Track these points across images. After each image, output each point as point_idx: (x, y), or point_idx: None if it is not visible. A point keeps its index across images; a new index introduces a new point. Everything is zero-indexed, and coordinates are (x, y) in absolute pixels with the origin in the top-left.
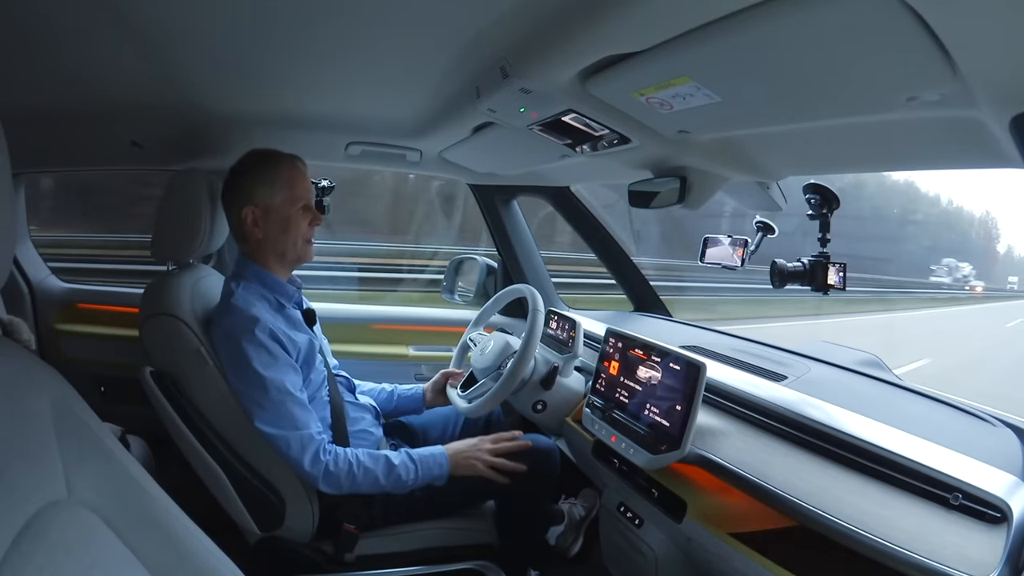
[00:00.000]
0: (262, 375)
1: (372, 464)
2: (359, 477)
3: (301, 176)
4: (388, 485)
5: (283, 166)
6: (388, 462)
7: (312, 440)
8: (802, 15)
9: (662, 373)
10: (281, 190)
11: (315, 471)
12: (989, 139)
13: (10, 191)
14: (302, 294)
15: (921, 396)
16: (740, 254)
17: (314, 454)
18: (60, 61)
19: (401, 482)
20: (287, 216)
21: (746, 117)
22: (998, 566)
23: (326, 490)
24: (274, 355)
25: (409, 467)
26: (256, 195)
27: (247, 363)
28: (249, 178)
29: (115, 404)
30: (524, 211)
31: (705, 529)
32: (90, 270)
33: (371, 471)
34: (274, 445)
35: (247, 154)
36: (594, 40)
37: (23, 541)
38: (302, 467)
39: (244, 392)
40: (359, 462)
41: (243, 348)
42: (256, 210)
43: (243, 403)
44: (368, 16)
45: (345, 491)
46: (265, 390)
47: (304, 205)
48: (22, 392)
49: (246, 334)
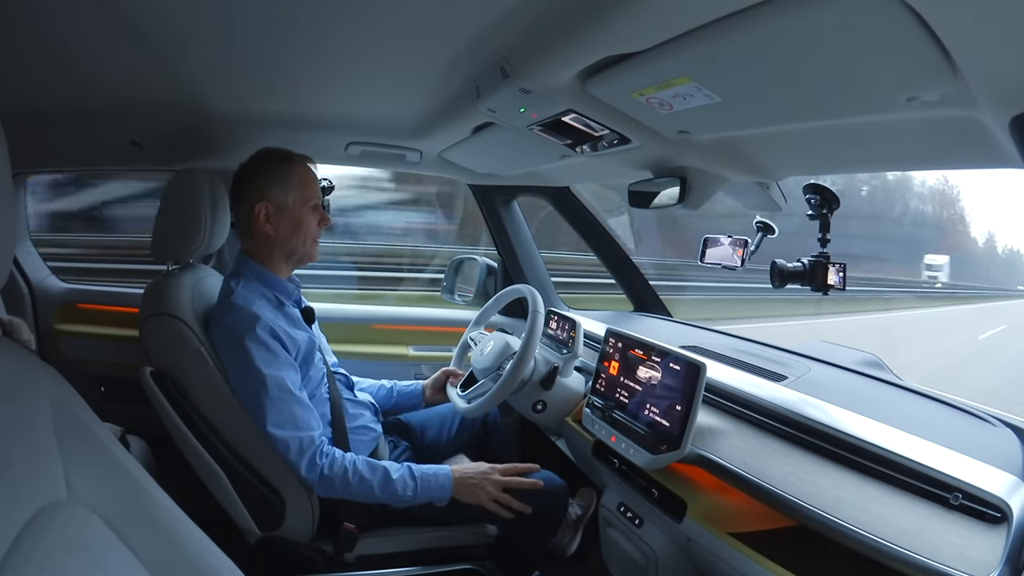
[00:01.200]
0: (263, 373)
1: (369, 474)
2: (354, 485)
3: (312, 176)
4: (383, 497)
5: (298, 166)
6: (386, 475)
7: (312, 443)
8: (802, 15)
9: (662, 373)
10: (295, 189)
11: (311, 475)
12: (989, 139)
13: (10, 191)
14: (300, 292)
15: (921, 396)
16: (740, 254)
17: (311, 457)
18: (60, 61)
19: (398, 496)
20: (299, 215)
21: (746, 117)
22: (998, 566)
23: (320, 494)
24: (275, 353)
25: (408, 483)
26: (270, 192)
27: (248, 361)
28: (263, 176)
29: (115, 404)
30: (524, 211)
31: (705, 529)
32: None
33: (366, 481)
34: (274, 445)
35: (260, 152)
36: (594, 40)
37: (23, 541)
38: (299, 470)
39: (245, 390)
40: (355, 470)
41: (244, 346)
42: (269, 207)
43: (243, 402)
44: (368, 16)
45: (339, 496)
46: (266, 388)
47: (314, 205)
48: (22, 392)
49: (247, 332)
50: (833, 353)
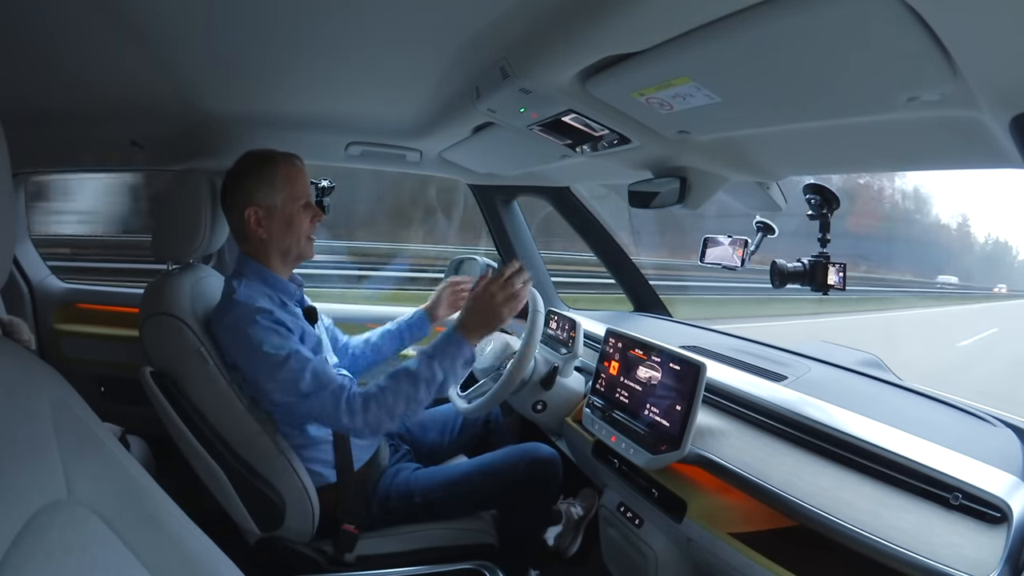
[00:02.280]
0: (277, 353)
1: (394, 383)
2: (391, 402)
3: (301, 174)
4: (424, 395)
5: (283, 165)
6: (407, 373)
7: (342, 389)
8: (802, 15)
9: (662, 373)
10: (283, 189)
11: (355, 421)
12: (989, 139)
13: (10, 191)
14: (303, 292)
15: (921, 396)
16: (740, 254)
17: (347, 404)
18: (60, 61)
19: (434, 381)
20: (290, 214)
21: (746, 117)
22: (998, 566)
23: (371, 434)
24: (283, 336)
25: (429, 364)
26: (258, 195)
27: (258, 347)
28: (250, 179)
29: (115, 404)
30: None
31: (705, 529)
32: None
33: (398, 389)
34: (309, 417)
35: (244, 156)
36: (594, 40)
37: (23, 541)
38: (341, 423)
39: (263, 377)
40: (381, 390)
41: (250, 335)
42: (259, 210)
43: (266, 391)
44: (368, 16)
45: (388, 426)
46: (284, 366)
47: (305, 203)
48: (22, 392)
49: (251, 323)
50: (833, 353)
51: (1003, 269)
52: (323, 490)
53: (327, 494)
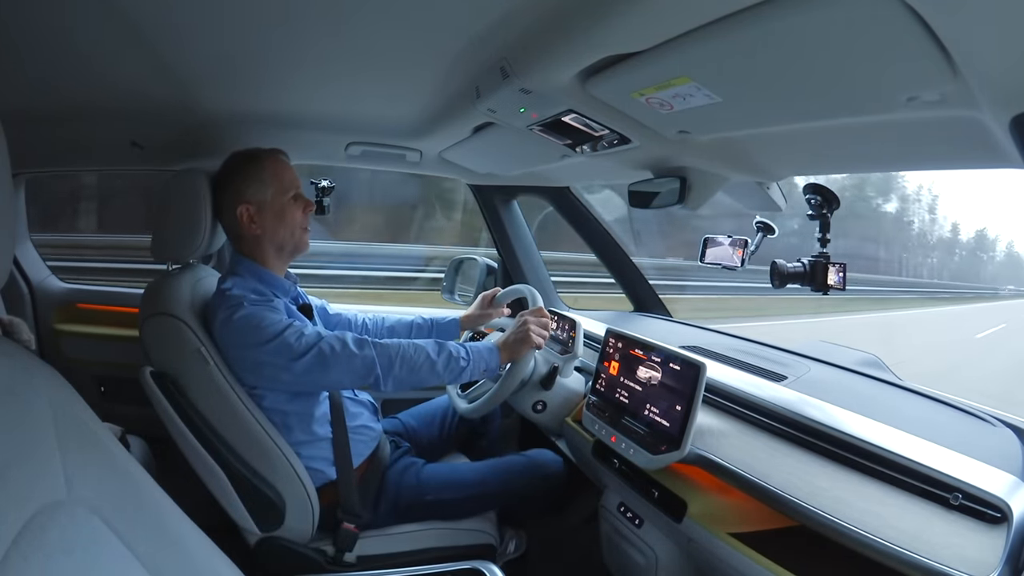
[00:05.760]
0: (280, 331)
1: (413, 348)
2: (411, 353)
3: (286, 167)
4: (442, 364)
5: (268, 160)
6: (436, 344)
7: (345, 335)
8: (802, 15)
9: (662, 373)
10: (271, 183)
11: (365, 352)
12: (989, 139)
13: (10, 191)
14: (298, 288)
15: (921, 396)
16: (740, 254)
17: (355, 342)
18: (60, 62)
19: (453, 360)
20: (281, 207)
21: (746, 117)
22: (998, 566)
23: (394, 388)
24: (278, 311)
25: (460, 350)
26: (248, 193)
27: (261, 329)
28: (238, 177)
29: (115, 404)
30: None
31: (705, 529)
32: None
33: (419, 347)
34: (337, 385)
35: (230, 157)
36: (594, 41)
37: (23, 541)
38: (355, 363)
39: (272, 355)
40: (403, 346)
41: (248, 319)
42: (250, 207)
43: (276, 373)
44: (368, 16)
45: (408, 383)
46: (283, 333)
47: (295, 194)
48: (22, 392)
49: (242, 306)
50: (833, 353)
51: (990, 267)
52: (323, 488)
53: (327, 492)
